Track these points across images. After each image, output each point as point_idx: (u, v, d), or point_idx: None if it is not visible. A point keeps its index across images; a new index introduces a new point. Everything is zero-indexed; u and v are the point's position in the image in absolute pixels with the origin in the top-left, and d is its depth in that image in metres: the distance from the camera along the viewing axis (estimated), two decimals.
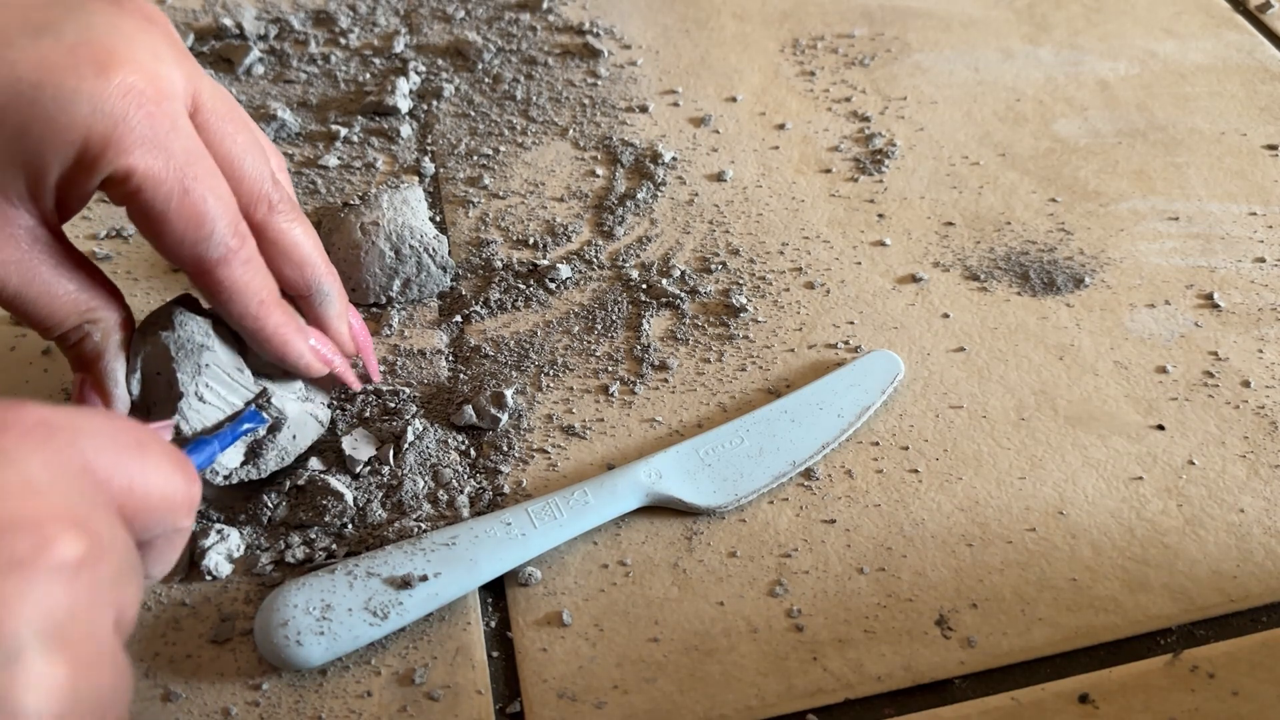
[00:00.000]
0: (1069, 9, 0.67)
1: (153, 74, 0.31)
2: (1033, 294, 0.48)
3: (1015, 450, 0.41)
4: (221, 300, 0.34)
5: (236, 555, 0.37)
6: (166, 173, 0.31)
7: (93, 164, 0.30)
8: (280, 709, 0.33)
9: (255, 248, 0.35)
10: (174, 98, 0.32)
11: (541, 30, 0.64)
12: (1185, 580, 0.37)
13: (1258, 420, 0.42)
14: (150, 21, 0.33)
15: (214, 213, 0.32)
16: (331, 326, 0.38)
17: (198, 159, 0.32)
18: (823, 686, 0.34)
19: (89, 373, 0.36)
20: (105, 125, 0.30)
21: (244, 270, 0.34)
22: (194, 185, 0.32)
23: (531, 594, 0.36)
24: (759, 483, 0.39)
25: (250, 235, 0.34)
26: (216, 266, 0.33)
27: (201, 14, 0.64)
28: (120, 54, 0.30)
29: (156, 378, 0.36)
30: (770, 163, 0.55)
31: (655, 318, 0.46)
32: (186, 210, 0.32)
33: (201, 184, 0.32)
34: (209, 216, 0.32)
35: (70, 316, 0.34)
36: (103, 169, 0.30)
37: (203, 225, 0.32)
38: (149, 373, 0.36)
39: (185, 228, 0.32)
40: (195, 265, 0.33)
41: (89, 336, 0.35)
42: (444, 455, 0.40)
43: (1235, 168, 0.55)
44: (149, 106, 0.30)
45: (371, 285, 0.46)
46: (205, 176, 0.32)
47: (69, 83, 0.29)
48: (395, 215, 0.46)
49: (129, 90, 0.30)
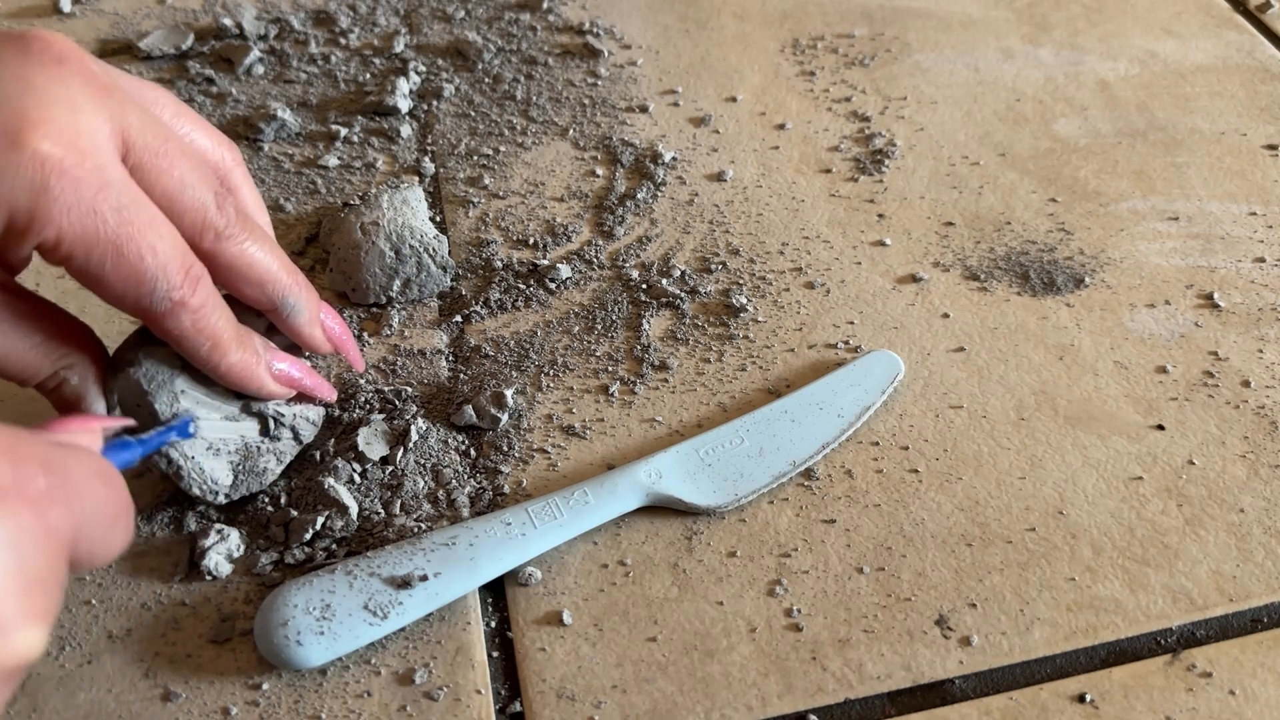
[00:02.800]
0: (1069, 9, 0.67)
1: (72, 132, 0.30)
2: (1033, 294, 0.48)
3: (1015, 450, 0.41)
4: (174, 344, 0.34)
5: (236, 555, 0.37)
6: (97, 236, 0.30)
7: (21, 235, 0.29)
8: (280, 709, 0.33)
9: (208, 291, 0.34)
10: (98, 151, 0.30)
11: (541, 30, 0.64)
12: (1185, 580, 0.37)
13: (1258, 420, 0.42)
14: (60, 64, 0.31)
15: (152, 270, 0.31)
16: (303, 335, 0.38)
17: (132, 213, 0.31)
18: (823, 686, 0.34)
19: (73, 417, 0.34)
20: (27, 198, 0.29)
21: (193, 319, 0.33)
22: (128, 245, 0.31)
23: (531, 594, 0.36)
24: (759, 483, 0.39)
25: (202, 277, 0.33)
26: (163, 319, 0.33)
27: (201, 14, 0.64)
28: (32, 117, 0.29)
29: (137, 409, 0.36)
30: (770, 163, 0.55)
31: (655, 318, 0.46)
32: (123, 270, 0.31)
33: (137, 241, 0.31)
34: (147, 274, 0.31)
35: (43, 367, 0.34)
36: (31, 240, 0.30)
37: (142, 283, 0.31)
38: (129, 406, 0.36)
39: (124, 287, 0.31)
40: (142, 317, 0.33)
41: (66, 382, 0.34)
42: (444, 455, 0.40)
43: (1235, 168, 0.55)
44: (72, 171, 0.29)
45: (372, 285, 0.46)
46: (141, 232, 0.31)
47: None
48: (395, 215, 0.46)
49: (44, 159, 0.29)
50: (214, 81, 0.59)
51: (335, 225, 0.46)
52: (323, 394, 0.39)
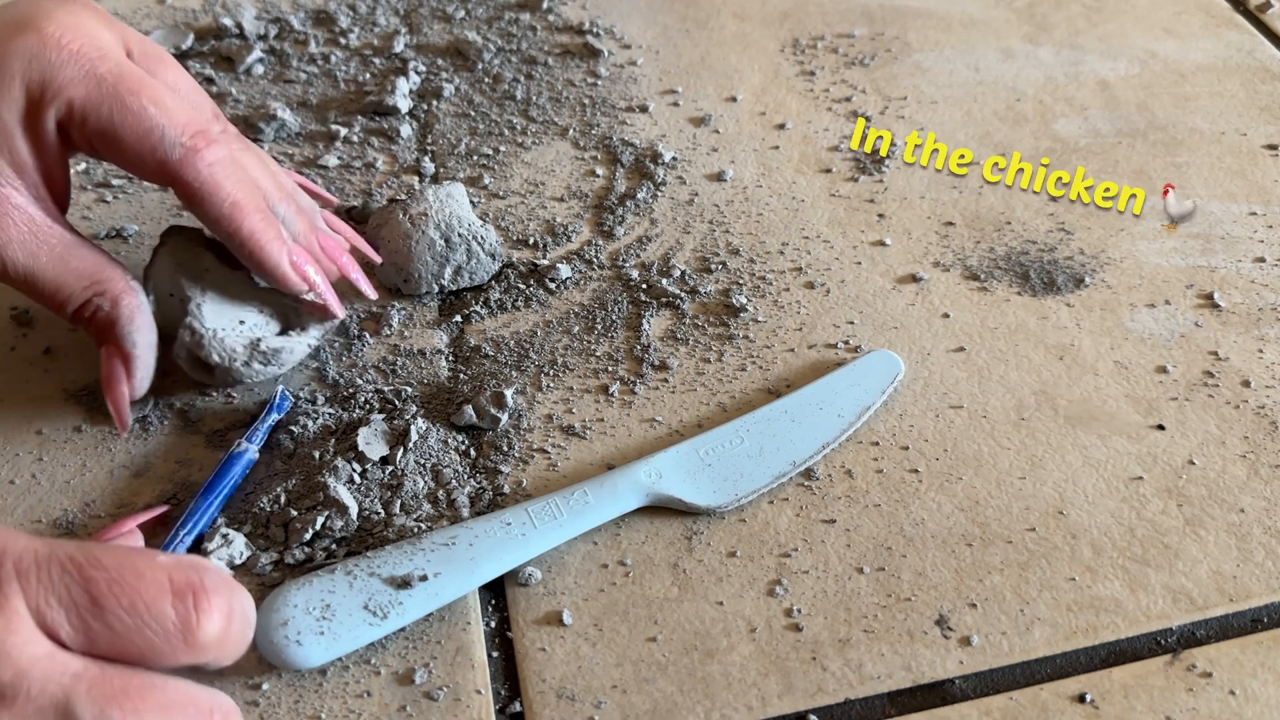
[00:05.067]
0: (1069, 9, 0.67)
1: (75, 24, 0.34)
2: (1033, 294, 0.48)
3: (1015, 450, 0.41)
4: (194, 206, 0.37)
5: (239, 562, 0.37)
6: (101, 95, 0.34)
7: (39, 107, 0.34)
8: (280, 709, 0.33)
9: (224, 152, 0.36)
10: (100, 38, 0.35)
11: (541, 30, 0.64)
12: (1185, 580, 0.37)
13: (1258, 420, 0.42)
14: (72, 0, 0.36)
15: (156, 117, 0.34)
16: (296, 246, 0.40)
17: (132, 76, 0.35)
18: (823, 686, 0.34)
19: (108, 342, 0.37)
20: (37, 70, 0.33)
21: (210, 170, 0.36)
22: (130, 98, 0.34)
23: (531, 594, 0.36)
24: (759, 483, 0.39)
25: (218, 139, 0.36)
26: (180, 168, 0.35)
27: (201, 14, 0.64)
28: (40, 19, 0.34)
29: (170, 299, 0.38)
30: (770, 162, 0.55)
31: (655, 318, 0.46)
32: (130, 122, 0.34)
33: (138, 94, 0.34)
34: (153, 121, 0.34)
35: (77, 290, 0.36)
36: (48, 110, 0.34)
37: (151, 131, 0.34)
38: (162, 294, 0.39)
39: (134, 137, 0.34)
40: (163, 173, 0.35)
41: (99, 309, 0.37)
42: (444, 455, 0.40)
43: (1235, 168, 0.55)
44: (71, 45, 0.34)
45: (424, 274, 0.46)
46: (142, 87, 0.35)
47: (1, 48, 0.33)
48: (442, 206, 0.46)
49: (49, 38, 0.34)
50: (214, 81, 0.59)
51: (383, 220, 0.47)
52: (332, 306, 0.41)
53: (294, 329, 0.41)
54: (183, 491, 0.39)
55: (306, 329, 0.41)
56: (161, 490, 0.39)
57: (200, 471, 0.39)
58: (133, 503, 0.38)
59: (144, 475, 0.39)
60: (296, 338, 0.40)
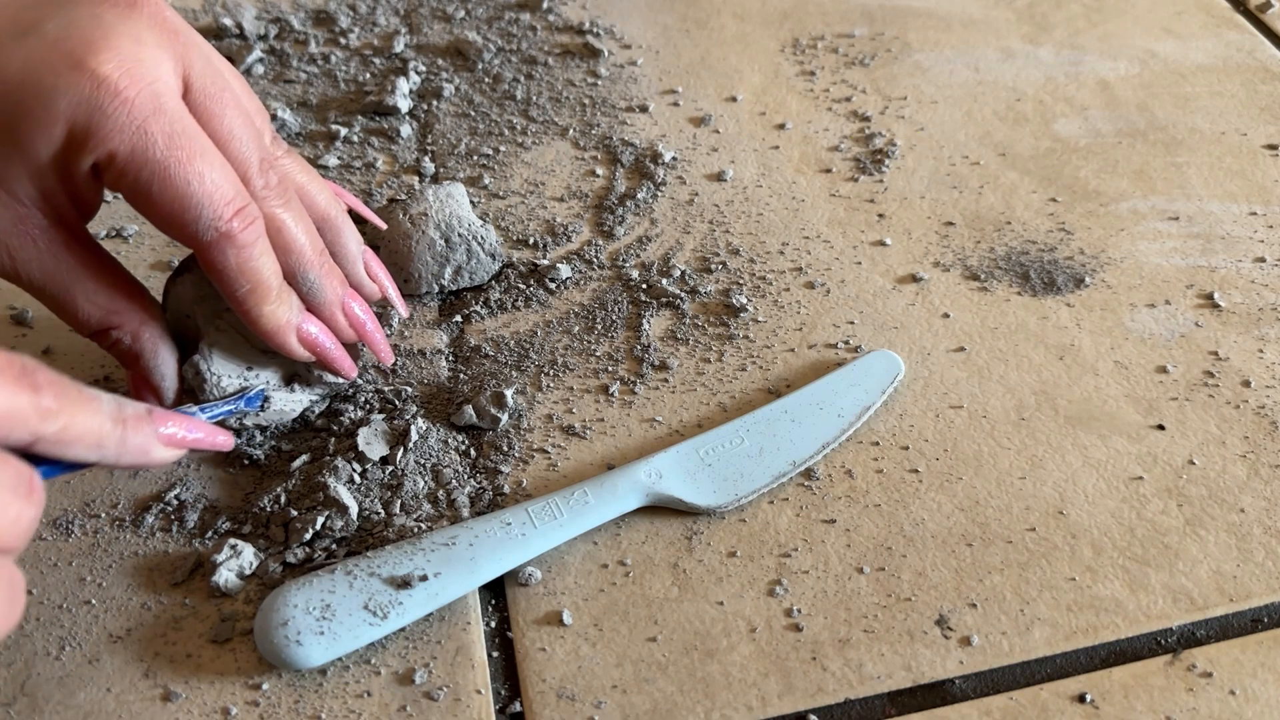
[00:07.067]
0: (1069, 9, 0.67)
1: (133, 60, 0.31)
2: (1033, 294, 0.48)
3: (1015, 450, 0.41)
4: (217, 280, 0.35)
5: (248, 572, 0.36)
6: (147, 157, 0.32)
7: (77, 152, 0.31)
8: (280, 709, 0.33)
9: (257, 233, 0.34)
10: (156, 80, 0.32)
11: (541, 30, 0.64)
12: (1185, 580, 0.37)
13: (1258, 420, 0.42)
14: (133, 7, 0.33)
15: (197, 196, 0.32)
16: (324, 315, 0.38)
17: (183, 140, 0.32)
18: (823, 686, 0.34)
19: (134, 371, 0.37)
20: (84, 115, 0.31)
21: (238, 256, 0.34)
22: (176, 169, 0.32)
23: (531, 594, 0.36)
24: (759, 483, 0.39)
25: (255, 220, 0.34)
26: (209, 250, 0.34)
27: (201, 14, 0.64)
28: (98, 45, 0.31)
29: (185, 320, 0.38)
30: (770, 162, 0.55)
31: (655, 318, 0.46)
32: (169, 193, 0.32)
33: (185, 166, 0.32)
34: (193, 200, 0.32)
35: (92, 319, 0.35)
36: (87, 157, 0.31)
37: (187, 209, 0.33)
38: (177, 316, 0.38)
39: (170, 210, 0.33)
40: (190, 245, 0.34)
41: (119, 341, 0.36)
42: (444, 455, 0.40)
43: (1235, 168, 0.55)
44: (126, 93, 0.31)
45: (424, 274, 0.46)
46: (190, 158, 0.32)
47: (48, 80, 0.30)
48: (442, 206, 0.46)
49: (102, 80, 0.31)
50: None
51: (383, 220, 0.47)
52: (342, 368, 0.40)
53: (301, 383, 0.40)
54: (181, 488, 0.39)
55: (313, 384, 0.40)
56: (161, 488, 0.39)
57: (198, 469, 0.39)
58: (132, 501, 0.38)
59: (144, 474, 0.39)
60: (298, 394, 0.40)
